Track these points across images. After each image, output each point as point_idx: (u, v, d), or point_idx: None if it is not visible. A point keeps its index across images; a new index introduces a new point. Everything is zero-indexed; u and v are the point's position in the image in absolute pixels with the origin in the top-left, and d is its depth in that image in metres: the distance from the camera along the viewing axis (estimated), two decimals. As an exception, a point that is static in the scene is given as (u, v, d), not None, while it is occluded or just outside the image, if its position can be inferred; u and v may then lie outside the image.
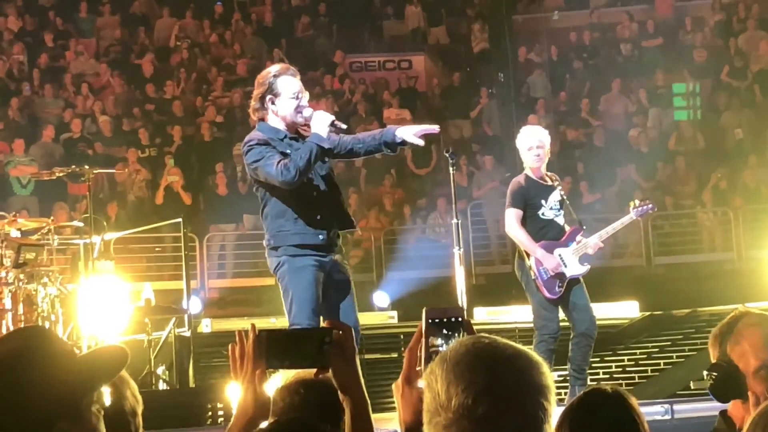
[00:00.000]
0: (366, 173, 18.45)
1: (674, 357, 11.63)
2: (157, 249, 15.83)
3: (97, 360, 2.37)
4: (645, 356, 11.77)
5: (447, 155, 8.17)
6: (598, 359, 11.56)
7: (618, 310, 12.36)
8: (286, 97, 6.73)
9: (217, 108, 19.04)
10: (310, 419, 2.67)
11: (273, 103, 6.75)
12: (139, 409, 3.18)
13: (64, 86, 19.46)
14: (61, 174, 10.28)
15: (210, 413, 9.13)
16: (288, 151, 6.60)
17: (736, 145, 18.34)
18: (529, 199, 8.73)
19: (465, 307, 8.10)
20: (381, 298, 13.83)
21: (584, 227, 9.01)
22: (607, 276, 14.93)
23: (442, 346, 2.39)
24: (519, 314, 11.85)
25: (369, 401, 2.62)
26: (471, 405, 2.10)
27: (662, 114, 18.97)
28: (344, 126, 6.95)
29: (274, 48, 20.58)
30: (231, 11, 21.78)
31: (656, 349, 11.78)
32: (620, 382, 11.48)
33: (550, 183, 8.84)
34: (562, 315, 8.81)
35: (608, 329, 12.10)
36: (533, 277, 8.68)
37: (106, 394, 2.34)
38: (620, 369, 11.62)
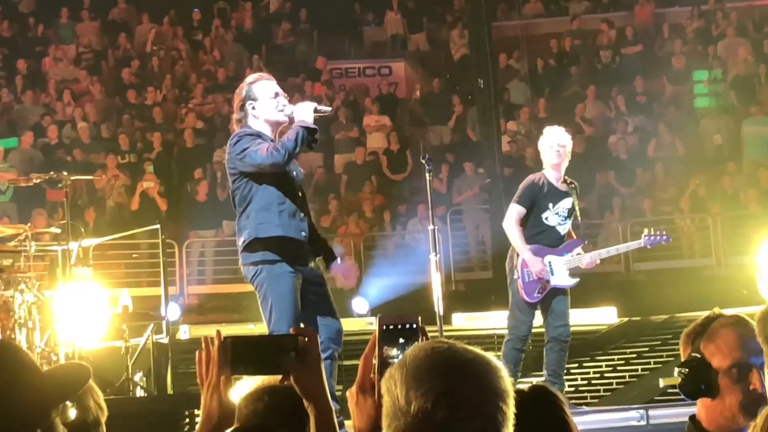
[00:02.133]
0: (346, 179, 18.47)
1: (652, 363, 11.67)
2: (134, 255, 15.78)
3: (61, 376, 2.37)
4: (623, 362, 11.81)
5: (423, 161, 8.19)
6: (576, 365, 11.59)
7: (596, 316, 12.41)
8: (265, 98, 6.80)
9: (197, 115, 19.02)
10: (274, 426, 2.67)
11: (254, 108, 6.81)
12: (103, 418, 3.16)
13: (44, 92, 19.42)
14: (38, 180, 10.22)
15: (188, 420, 9.10)
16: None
17: (715, 151, 18.41)
18: (538, 199, 8.65)
19: (442, 313, 8.11)
20: (360, 304, 13.81)
21: (585, 242, 8.95)
22: (586, 282, 14.87)
23: (397, 357, 2.39)
24: (497, 320, 11.86)
25: (333, 408, 2.62)
26: (430, 410, 2.11)
27: (641, 120, 19.02)
28: (328, 109, 7.04)
29: (254, 54, 20.58)
30: (211, 17, 21.76)
31: (634, 355, 11.83)
32: (598, 387, 11.53)
33: (565, 189, 8.77)
34: (537, 321, 8.81)
35: (587, 335, 12.15)
36: (516, 277, 8.65)
37: (71, 410, 2.33)
38: (598, 374, 11.65)
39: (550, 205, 8.67)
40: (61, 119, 18.71)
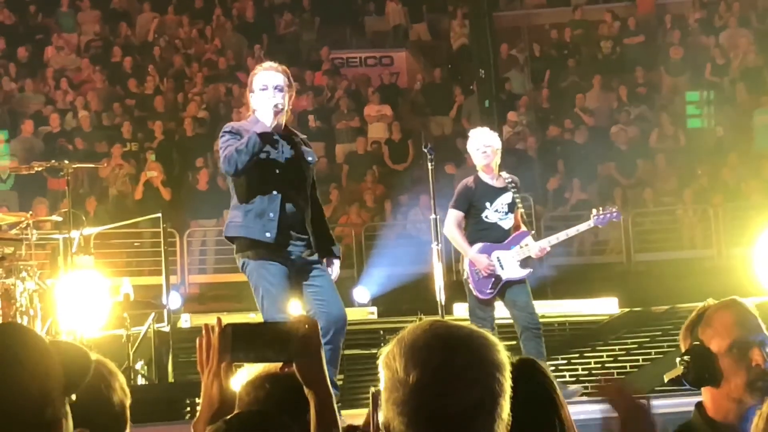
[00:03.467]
0: (348, 169, 18.46)
1: (653, 353, 11.66)
2: (136, 244, 15.78)
3: (68, 360, 2.35)
4: (624, 352, 11.80)
5: (425, 151, 8.23)
6: (577, 355, 11.61)
7: (597, 307, 12.40)
8: (256, 90, 6.79)
9: (198, 103, 19.00)
10: (274, 413, 2.67)
11: (252, 99, 6.84)
12: (128, 402, 3.17)
13: (45, 81, 19.40)
14: (39, 168, 10.22)
15: (189, 408, 9.12)
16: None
17: (717, 142, 18.38)
18: (473, 200, 8.82)
19: (443, 302, 8.17)
20: (361, 293, 13.82)
21: (532, 231, 9.06)
22: (587, 272, 14.96)
23: None
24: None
25: (334, 396, 2.63)
26: (429, 379, 2.16)
27: (642, 111, 19.00)
28: (280, 106, 6.68)
29: (255, 44, 20.56)
30: (212, 6, 21.74)
31: (635, 346, 11.82)
32: (599, 378, 11.52)
33: (502, 185, 8.86)
34: (500, 314, 8.94)
35: (588, 325, 12.15)
36: (465, 277, 8.80)
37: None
38: (599, 365, 11.65)
39: (487, 203, 8.82)
40: (62, 108, 18.70)
